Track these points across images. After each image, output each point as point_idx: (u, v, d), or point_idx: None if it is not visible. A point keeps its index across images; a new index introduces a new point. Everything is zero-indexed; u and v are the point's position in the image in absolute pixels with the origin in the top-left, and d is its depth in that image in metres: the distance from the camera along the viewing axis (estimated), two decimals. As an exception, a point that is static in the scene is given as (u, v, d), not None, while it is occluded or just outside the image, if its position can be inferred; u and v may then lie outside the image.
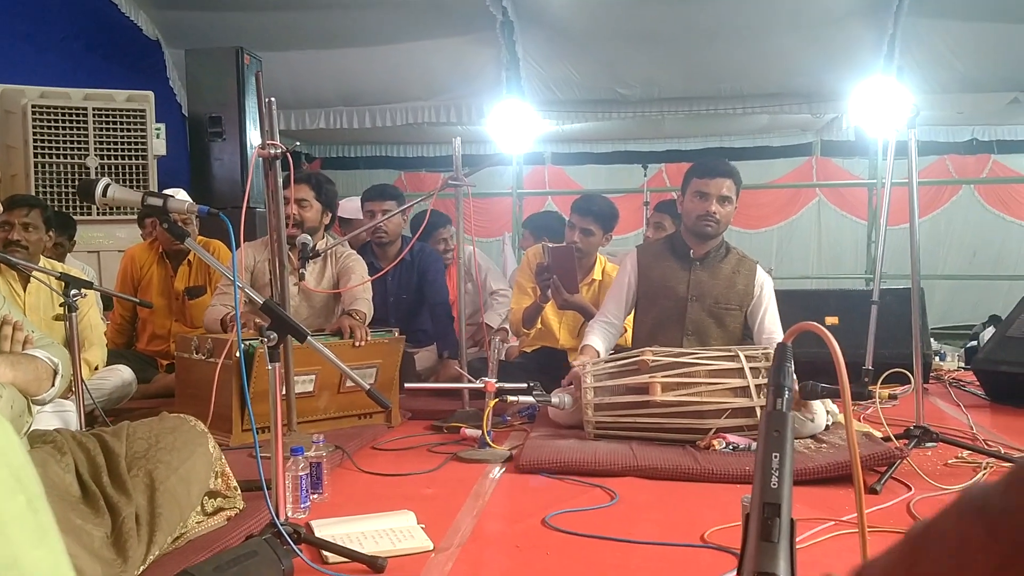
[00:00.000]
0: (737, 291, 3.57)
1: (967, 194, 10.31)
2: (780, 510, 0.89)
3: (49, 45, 6.45)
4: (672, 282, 3.61)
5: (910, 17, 7.29)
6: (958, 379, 4.88)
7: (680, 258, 3.64)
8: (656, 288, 3.64)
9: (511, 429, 3.55)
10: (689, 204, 3.54)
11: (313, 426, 3.27)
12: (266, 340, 1.96)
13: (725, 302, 3.57)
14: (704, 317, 3.56)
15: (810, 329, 1.04)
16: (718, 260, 3.61)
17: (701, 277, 3.58)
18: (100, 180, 2.18)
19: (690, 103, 8.51)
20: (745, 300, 3.58)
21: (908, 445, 2.95)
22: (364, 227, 4.41)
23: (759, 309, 3.57)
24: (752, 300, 3.58)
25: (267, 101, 2.97)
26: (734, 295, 3.57)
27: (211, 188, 6.31)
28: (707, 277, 3.58)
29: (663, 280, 3.63)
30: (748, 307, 3.59)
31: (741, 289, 3.58)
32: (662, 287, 3.63)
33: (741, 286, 3.58)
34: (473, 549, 2.10)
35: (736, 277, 3.59)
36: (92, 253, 5.62)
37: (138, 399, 3.92)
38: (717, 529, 2.17)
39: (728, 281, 3.58)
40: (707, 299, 3.56)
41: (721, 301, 3.57)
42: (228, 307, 3.71)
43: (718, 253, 3.62)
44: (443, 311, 4.59)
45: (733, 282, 3.58)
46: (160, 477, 1.89)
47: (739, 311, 3.59)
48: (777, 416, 0.95)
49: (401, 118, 8.72)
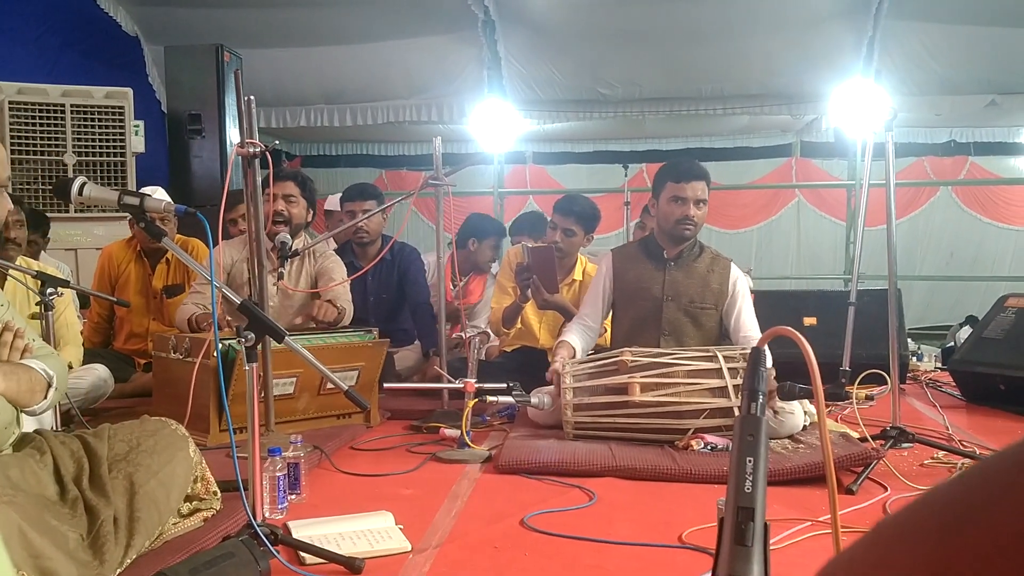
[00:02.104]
0: (712, 290, 3.59)
1: (945, 195, 10.40)
2: (754, 514, 0.90)
3: (27, 41, 6.39)
4: (647, 283, 3.62)
5: (889, 19, 7.34)
6: (935, 380, 4.92)
7: (654, 259, 3.65)
8: (632, 290, 3.66)
9: (490, 429, 3.56)
10: (666, 208, 3.55)
11: (292, 426, 3.26)
12: (244, 340, 1.95)
13: (700, 301, 3.58)
14: (680, 317, 3.57)
15: (784, 334, 1.05)
16: (692, 259, 3.62)
17: (676, 277, 3.59)
18: (76, 179, 2.16)
19: (671, 103, 8.54)
20: (720, 299, 3.60)
21: (884, 446, 2.97)
22: (344, 226, 4.40)
23: (734, 308, 3.59)
24: (727, 299, 3.60)
25: (246, 99, 2.95)
26: (709, 294, 3.58)
27: (190, 186, 6.28)
28: (682, 277, 3.59)
29: (638, 281, 3.64)
30: (723, 306, 3.60)
31: (716, 288, 3.59)
32: (637, 288, 3.64)
33: (716, 285, 3.59)
34: (451, 550, 2.09)
35: (710, 276, 3.60)
36: (69, 251, 5.57)
37: (115, 398, 3.90)
38: (695, 529, 2.18)
39: (702, 280, 3.59)
40: (682, 299, 3.58)
41: (696, 300, 3.58)
42: (199, 306, 3.69)
43: (692, 252, 3.63)
44: (426, 310, 4.58)
45: (707, 281, 3.59)
46: (140, 480, 1.88)
47: (715, 310, 3.60)
48: (751, 420, 0.95)
49: (382, 116, 8.70)
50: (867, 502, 2.47)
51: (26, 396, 1.88)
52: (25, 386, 1.87)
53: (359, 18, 7.70)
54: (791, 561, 1.98)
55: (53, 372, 1.96)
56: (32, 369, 1.91)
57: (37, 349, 2.03)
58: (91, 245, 5.58)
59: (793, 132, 10.32)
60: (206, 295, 3.72)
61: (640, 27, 7.67)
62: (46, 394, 1.94)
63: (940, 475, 2.78)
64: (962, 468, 2.81)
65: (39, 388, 1.92)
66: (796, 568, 1.95)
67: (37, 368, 1.92)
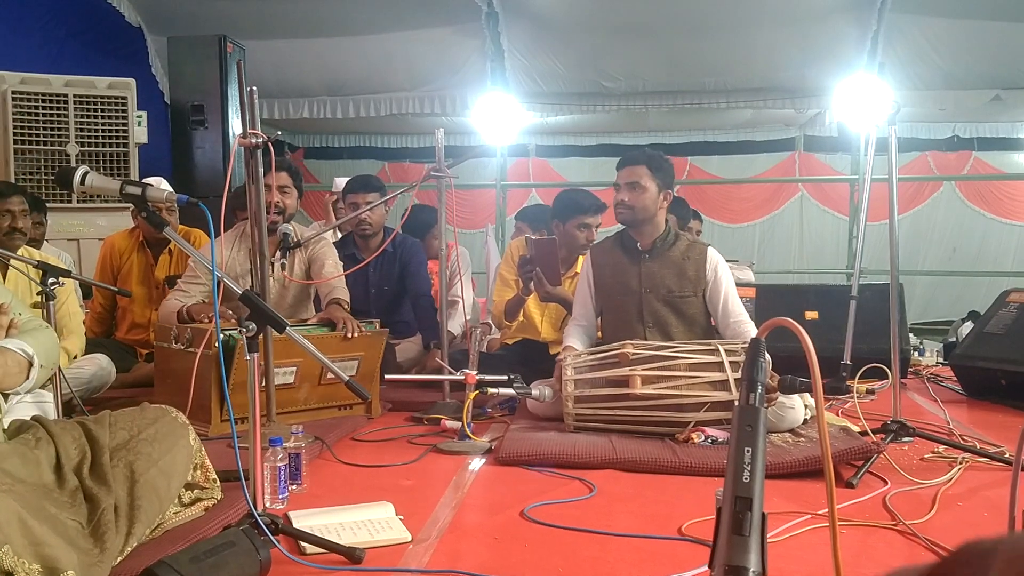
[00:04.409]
0: (689, 277, 3.55)
1: (948, 190, 10.39)
2: (752, 504, 0.90)
3: (30, 30, 6.39)
4: (624, 277, 3.61)
5: (893, 14, 7.33)
6: (936, 374, 4.92)
7: (629, 252, 3.64)
8: (611, 285, 3.65)
9: (491, 421, 3.56)
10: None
11: (293, 417, 3.26)
12: (245, 331, 1.95)
13: (679, 290, 3.54)
14: (661, 308, 3.55)
15: (783, 325, 1.05)
16: (665, 249, 3.59)
17: (651, 268, 3.57)
18: (78, 168, 2.16)
19: (674, 97, 8.53)
20: (699, 285, 3.55)
21: (885, 440, 2.97)
22: (347, 218, 4.40)
23: (718, 293, 3.53)
24: (707, 285, 3.55)
25: (249, 90, 2.95)
26: (687, 282, 3.55)
27: (193, 176, 6.30)
28: (657, 268, 3.57)
29: (615, 276, 3.64)
30: (705, 292, 3.55)
31: (692, 275, 3.55)
32: (616, 283, 3.63)
33: (692, 272, 3.55)
34: (451, 540, 2.10)
35: (686, 264, 3.56)
36: (72, 241, 5.58)
37: (117, 388, 3.91)
38: (695, 522, 2.18)
39: (678, 269, 3.56)
40: (660, 289, 3.55)
41: (675, 290, 3.54)
42: (182, 302, 3.68)
43: (665, 242, 3.60)
44: (427, 302, 4.58)
45: (683, 269, 3.55)
46: (140, 469, 1.88)
47: (695, 297, 3.55)
48: (749, 411, 0.95)
49: (385, 108, 8.71)
50: (867, 496, 2.47)
51: (4, 380, 1.87)
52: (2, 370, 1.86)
53: (362, 9, 7.70)
54: (789, 554, 1.99)
55: (32, 350, 1.94)
56: (8, 351, 1.90)
57: (25, 323, 2.01)
58: (93, 235, 5.59)
59: (796, 126, 10.31)
60: (191, 293, 3.72)
61: (644, 20, 7.66)
62: (28, 374, 1.93)
63: (940, 469, 2.77)
64: (962, 463, 2.82)
65: (17, 370, 1.90)
66: (794, 561, 1.95)
67: (14, 348, 1.91)
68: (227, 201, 2.70)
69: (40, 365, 1.96)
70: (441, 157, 3.74)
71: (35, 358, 1.93)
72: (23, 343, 1.93)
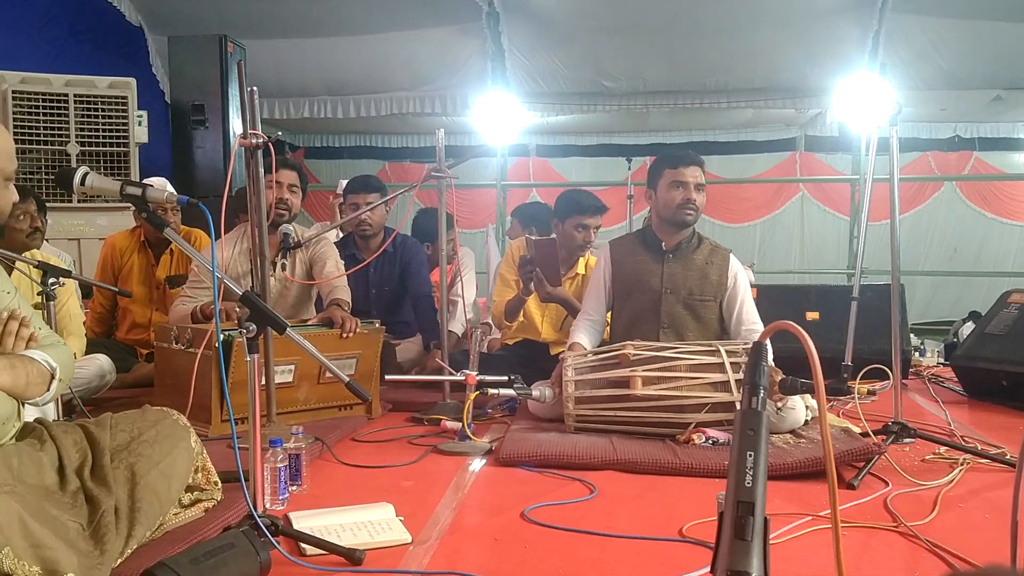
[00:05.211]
0: (711, 282, 3.56)
1: (949, 191, 10.39)
2: (754, 508, 0.90)
3: (30, 30, 6.39)
4: (645, 275, 3.61)
5: (894, 14, 7.33)
6: (937, 375, 4.91)
7: (652, 251, 3.64)
8: (630, 282, 3.64)
9: (492, 422, 3.56)
10: (666, 195, 3.54)
11: (293, 417, 3.26)
12: (245, 331, 1.95)
13: (700, 293, 3.55)
14: (679, 309, 3.56)
15: (786, 328, 1.04)
16: (690, 251, 3.60)
17: (674, 269, 3.57)
18: (79, 169, 2.15)
19: (675, 97, 8.53)
20: (720, 291, 3.57)
21: (886, 441, 2.97)
22: (347, 219, 4.40)
23: (735, 301, 3.56)
24: (727, 291, 3.57)
25: (249, 90, 2.95)
26: (708, 286, 3.56)
27: (193, 176, 6.29)
28: (680, 269, 3.57)
29: (636, 274, 3.63)
30: (723, 298, 3.57)
31: (715, 280, 3.57)
32: (636, 281, 3.62)
33: (715, 276, 3.57)
34: (451, 542, 2.09)
35: (709, 268, 3.57)
36: (72, 240, 5.58)
37: (117, 388, 3.90)
38: (695, 523, 2.18)
39: (701, 272, 3.57)
40: (681, 291, 3.55)
41: (695, 292, 3.55)
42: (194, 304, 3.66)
43: (690, 244, 3.61)
44: (427, 303, 4.57)
45: (706, 273, 3.57)
46: (141, 471, 1.88)
47: (714, 302, 3.57)
48: (752, 415, 0.95)
49: (386, 108, 8.71)
50: (868, 497, 2.47)
51: (29, 389, 1.87)
52: (24, 379, 1.85)
53: (363, 9, 7.69)
54: (791, 556, 1.98)
55: (56, 363, 1.94)
56: (35, 361, 1.89)
57: (43, 338, 2.01)
58: (94, 235, 5.59)
59: (797, 126, 10.30)
60: (198, 298, 3.69)
61: (644, 20, 7.66)
62: (49, 385, 1.93)
63: (941, 470, 2.77)
64: (964, 464, 2.81)
65: (40, 381, 1.90)
66: (796, 563, 1.94)
67: (40, 360, 1.91)
68: (228, 202, 2.70)
69: (60, 379, 1.95)
70: (441, 157, 3.73)
71: (57, 371, 1.93)
72: (47, 355, 1.92)
